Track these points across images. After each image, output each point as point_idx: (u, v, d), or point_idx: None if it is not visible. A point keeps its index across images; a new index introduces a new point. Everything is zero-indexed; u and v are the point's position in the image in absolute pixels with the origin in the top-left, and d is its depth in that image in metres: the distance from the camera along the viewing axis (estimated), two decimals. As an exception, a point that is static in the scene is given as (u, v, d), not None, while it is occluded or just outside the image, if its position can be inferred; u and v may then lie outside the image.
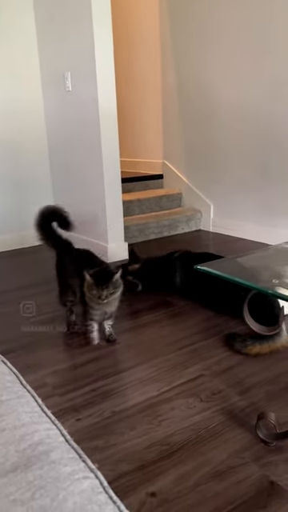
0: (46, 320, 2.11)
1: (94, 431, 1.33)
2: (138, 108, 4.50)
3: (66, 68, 3.03)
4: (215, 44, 3.40)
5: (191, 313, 2.16)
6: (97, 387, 1.56)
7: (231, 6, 3.20)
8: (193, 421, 1.36)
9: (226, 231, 3.68)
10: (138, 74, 4.42)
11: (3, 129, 3.25)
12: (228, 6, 3.22)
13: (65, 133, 3.25)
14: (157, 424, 1.36)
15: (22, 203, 3.43)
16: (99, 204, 2.97)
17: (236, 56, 3.25)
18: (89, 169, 3.02)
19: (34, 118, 3.39)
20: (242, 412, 1.40)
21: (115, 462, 1.21)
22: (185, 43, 3.71)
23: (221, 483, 1.13)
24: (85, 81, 2.85)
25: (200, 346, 1.82)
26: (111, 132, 2.84)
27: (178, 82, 3.87)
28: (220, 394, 1.49)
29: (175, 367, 1.67)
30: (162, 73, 4.03)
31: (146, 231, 3.50)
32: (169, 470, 1.17)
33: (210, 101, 3.57)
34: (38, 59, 3.33)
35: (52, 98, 3.31)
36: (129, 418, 1.39)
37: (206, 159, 3.75)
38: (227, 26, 3.27)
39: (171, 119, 4.04)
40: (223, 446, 1.25)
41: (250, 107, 3.23)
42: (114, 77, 2.77)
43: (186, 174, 4.02)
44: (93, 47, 2.68)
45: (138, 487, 1.12)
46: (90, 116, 2.87)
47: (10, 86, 3.24)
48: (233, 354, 1.74)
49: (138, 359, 1.73)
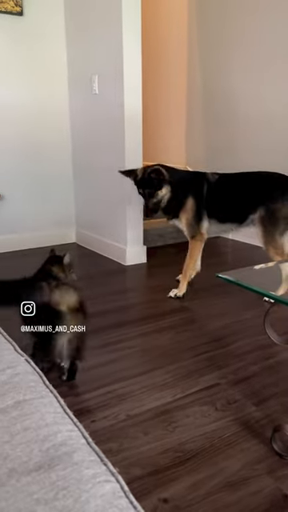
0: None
1: (108, 434, 1.34)
2: (161, 112, 4.52)
3: (93, 71, 3.06)
4: (242, 49, 3.40)
5: (208, 319, 2.16)
6: (112, 389, 1.56)
7: (257, 11, 3.20)
8: (207, 429, 1.36)
9: (245, 239, 3.65)
10: (163, 77, 4.44)
11: (29, 129, 3.30)
12: (253, 10, 3.22)
13: (89, 135, 3.29)
14: (171, 430, 1.36)
15: (44, 203, 3.47)
16: (120, 206, 2.99)
17: (263, 61, 3.24)
18: (111, 171, 3.04)
19: (59, 120, 3.43)
20: (258, 423, 1.39)
21: (128, 466, 1.21)
22: (211, 47, 3.72)
23: (234, 494, 1.12)
24: (112, 84, 2.87)
25: (216, 354, 1.81)
26: (135, 136, 2.86)
27: (203, 87, 3.87)
28: (235, 404, 1.48)
29: (191, 374, 1.66)
30: (187, 77, 4.04)
31: (165, 236, 3.51)
32: (182, 477, 1.17)
33: (234, 106, 3.56)
34: (66, 62, 3.37)
35: (78, 101, 3.35)
36: (143, 423, 1.39)
37: (228, 165, 3.73)
38: (253, 30, 3.26)
39: (195, 124, 4.04)
40: (237, 456, 1.25)
41: (276, 112, 3.21)
42: (140, 81, 2.79)
43: (207, 180, 4.01)
44: (121, 51, 2.70)
45: (150, 492, 1.12)
46: (115, 119, 2.89)
47: (37, 88, 3.29)
48: (249, 363, 1.73)
49: (154, 364, 1.73)
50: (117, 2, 2.65)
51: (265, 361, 1.75)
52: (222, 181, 2.37)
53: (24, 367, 0.77)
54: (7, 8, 3.02)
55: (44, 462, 0.56)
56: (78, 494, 0.51)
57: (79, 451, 0.59)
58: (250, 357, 1.78)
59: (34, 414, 0.65)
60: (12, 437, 0.60)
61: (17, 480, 0.53)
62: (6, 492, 0.51)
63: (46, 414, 0.65)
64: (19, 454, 0.57)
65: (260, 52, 3.26)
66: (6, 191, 3.27)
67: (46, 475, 0.53)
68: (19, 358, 0.80)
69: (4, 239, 3.30)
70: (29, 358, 0.80)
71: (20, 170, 3.33)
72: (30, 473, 0.54)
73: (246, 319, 2.14)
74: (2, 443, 0.58)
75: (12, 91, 3.19)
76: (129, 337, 1.96)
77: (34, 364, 0.79)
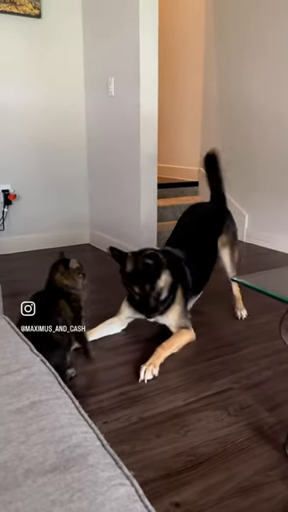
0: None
1: (120, 435, 1.34)
2: (177, 114, 4.52)
3: (109, 73, 3.07)
4: (259, 51, 3.38)
5: (221, 324, 2.15)
6: (125, 391, 1.56)
7: (274, 14, 3.17)
8: (220, 434, 1.35)
9: (259, 242, 3.63)
10: (179, 79, 4.44)
11: (45, 130, 3.33)
12: (271, 13, 3.20)
13: (104, 137, 3.30)
14: (183, 434, 1.35)
15: (58, 203, 3.49)
16: (134, 208, 3.00)
17: (280, 63, 3.22)
18: (126, 173, 3.05)
19: (75, 121, 3.46)
20: (271, 429, 1.37)
21: (141, 469, 1.21)
22: (228, 49, 3.70)
23: (246, 499, 1.11)
24: (128, 86, 2.88)
25: (230, 359, 1.80)
26: (151, 138, 2.86)
27: (219, 90, 3.86)
28: (248, 409, 1.47)
29: (204, 378, 1.65)
30: (203, 79, 4.03)
31: (178, 238, 3.49)
32: (194, 481, 1.17)
33: (250, 108, 3.54)
34: (82, 64, 3.40)
35: (94, 102, 3.37)
36: (155, 426, 1.39)
37: (243, 168, 3.72)
38: (271, 32, 3.24)
39: (210, 126, 4.03)
40: (250, 462, 1.24)
41: (292, 118, 3.18)
42: (157, 84, 2.80)
43: (222, 183, 3.99)
44: (138, 54, 2.71)
45: (162, 496, 1.12)
46: (130, 121, 2.90)
47: (54, 89, 3.32)
48: (263, 368, 1.72)
49: (166, 367, 1.72)
50: (134, 5, 2.66)
51: (279, 366, 1.74)
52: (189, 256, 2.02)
53: (39, 367, 0.77)
54: (26, 11, 3.06)
55: (59, 464, 0.56)
56: (93, 496, 0.51)
57: (94, 453, 0.59)
58: (263, 362, 1.77)
59: (50, 414, 0.65)
60: (28, 437, 0.60)
61: (33, 481, 0.53)
62: (22, 492, 0.51)
63: (61, 414, 0.65)
64: (35, 454, 0.57)
65: (277, 55, 3.24)
66: (21, 191, 3.30)
67: (62, 476, 0.54)
68: (35, 358, 0.81)
69: (18, 239, 3.33)
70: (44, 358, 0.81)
71: (35, 170, 3.36)
72: (45, 474, 0.54)
73: (261, 323, 2.12)
74: (18, 443, 0.59)
75: (29, 92, 3.23)
76: (141, 339, 1.96)
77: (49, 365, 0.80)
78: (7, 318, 1.01)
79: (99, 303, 2.36)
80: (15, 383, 0.72)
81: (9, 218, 3.28)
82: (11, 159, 3.24)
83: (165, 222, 3.67)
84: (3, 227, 3.26)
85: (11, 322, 0.99)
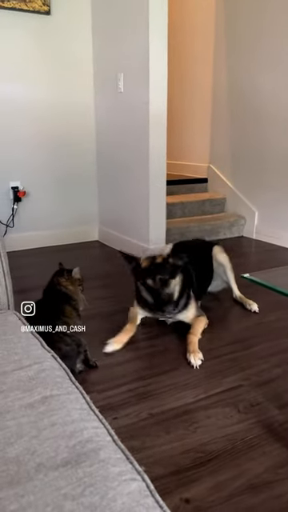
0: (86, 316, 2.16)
1: (130, 431, 1.35)
2: (186, 111, 4.50)
3: (119, 69, 3.07)
4: (269, 47, 3.35)
5: (231, 321, 2.14)
6: (134, 387, 1.57)
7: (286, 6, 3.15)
8: (229, 431, 1.34)
9: (269, 239, 3.61)
10: (188, 75, 4.41)
11: (54, 127, 3.33)
12: (284, 5, 3.16)
13: (113, 133, 3.30)
14: (192, 430, 1.35)
15: (67, 200, 3.50)
16: (142, 205, 2.99)
17: (291, 62, 3.19)
18: (134, 170, 3.05)
19: (84, 118, 3.46)
20: (281, 427, 1.36)
21: (150, 465, 1.21)
22: (238, 44, 3.68)
23: (257, 496, 1.11)
24: (137, 83, 2.88)
25: (240, 356, 1.79)
26: (160, 135, 2.85)
27: (229, 85, 3.83)
28: (258, 406, 1.46)
29: (213, 375, 1.65)
30: (213, 75, 4.00)
31: (187, 235, 3.48)
32: (204, 477, 1.17)
33: (260, 104, 3.51)
34: (91, 60, 3.39)
35: (103, 99, 3.36)
36: (165, 422, 1.39)
37: (253, 165, 3.70)
38: (282, 26, 3.21)
39: (220, 123, 4.01)
40: (260, 459, 1.23)
41: (303, 114, 3.15)
42: (166, 80, 2.79)
43: (231, 179, 3.98)
44: (147, 50, 2.70)
45: (172, 492, 1.12)
46: (139, 118, 2.90)
47: (63, 86, 3.32)
48: (273, 366, 1.71)
49: (176, 363, 1.73)
50: (144, 1, 2.65)
51: None
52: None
53: (51, 363, 0.78)
54: (35, 7, 3.06)
55: (71, 458, 0.56)
56: (104, 491, 0.51)
57: (105, 448, 0.59)
58: (273, 359, 1.76)
59: (61, 409, 0.65)
60: (39, 432, 0.61)
61: (44, 475, 0.53)
62: (34, 486, 0.51)
63: (72, 410, 0.66)
64: (47, 449, 0.58)
65: (288, 49, 3.20)
66: (30, 188, 3.31)
67: (73, 471, 0.54)
68: (46, 353, 0.81)
69: (28, 236, 3.34)
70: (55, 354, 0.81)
71: (45, 167, 3.37)
72: (57, 468, 0.54)
73: (270, 321, 2.11)
74: (29, 438, 0.59)
75: (38, 89, 3.23)
76: (150, 336, 1.96)
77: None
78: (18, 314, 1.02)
79: (103, 300, 2.37)
80: (26, 378, 0.72)
81: (18, 215, 3.30)
82: (21, 156, 3.26)
83: (174, 218, 3.67)
84: (13, 224, 3.28)
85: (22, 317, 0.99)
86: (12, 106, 3.16)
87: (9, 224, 3.26)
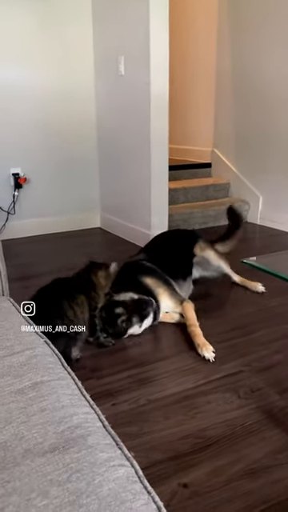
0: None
1: (128, 417, 1.34)
2: (189, 94, 4.42)
3: (119, 52, 3.01)
4: (273, 28, 3.27)
5: (233, 307, 2.12)
6: (133, 374, 1.56)
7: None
8: (229, 416, 1.34)
9: (274, 225, 3.57)
10: (191, 57, 4.33)
11: (54, 112, 3.28)
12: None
13: (115, 117, 3.25)
14: (191, 416, 1.35)
15: (69, 187, 3.47)
16: (144, 190, 2.96)
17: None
18: (136, 154, 3.01)
19: (85, 103, 3.41)
20: (281, 412, 1.36)
21: (148, 450, 1.21)
22: (242, 25, 3.59)
23: (255, 481, 1.10)
24: (138, 65, 2.82)
25: (241, 342, 1.78)
26: (161, 118, 2.81)
27: (232, 67, 3.76)
28: (259, 392, 1.46)
29: (214, 361, 1.64)
30: (216, 57, 3.92)
31: (190, 221, 3.46)
32: (202, 463, 1.16)
33: (266, 86, 3.44)
34: (92, 43, 3.33)
35: (104, 82, 3.31)
36: (164, 408, 1.39)
37: (258, 149, 3.64)
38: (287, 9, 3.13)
39: (223, 106, 3.94)
40: (259, 444, 1.23)
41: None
42: (167, 61, 2.73)
43: (235, 164, 3.92)
44: (148, 31, 2.64)
45: (170, 477, 1.12)
46: (140, 102, 2.85)
47: (63, 70, 3.27)
48: (274, 351, 1.70)
49: (176, 349, 1.72)
50: (144, -20, 2.58)
51: (290, 350, 1.71)
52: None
53: (43, 349, 0.77)
54: (33, -11, 2.99)
55: (59, 444, 0.55)
56: (91, 477, 0.50)
57: (94, 434, 0.58)
58: (275, 345, 1.74)
59: (51, 395, 0.64)
60: (28, 417, 0.60)
61: (31, 460, 0.52)
62: (20, 472, 0.51)
63: (62, 395, 0.65)
64: (35, 435, 0.57)
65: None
66: (31, 175, 3.29)
67: (61, 457, 0.53)
68: (39, 339, 0.80)
69: (29, 223, 3.33)
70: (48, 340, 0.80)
71: (46, 153, 3.34)
72: (44, 454, 0.53)
73: (273, 307, 2.09)
74: (18, 424, 0.58)
75: (38, 73, 3.18)
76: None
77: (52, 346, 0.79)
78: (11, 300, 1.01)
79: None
80: (18, 364, 0.71)
81: (19, 202, 3.28)
82: (21, 142, 3.22)
83: (176, 204, 3.63)
84: (14, 211, 3.26)
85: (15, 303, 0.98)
86: (11, 91, 3.12)
87: (10, 211, 3.25)
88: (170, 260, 2.09)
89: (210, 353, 1.66)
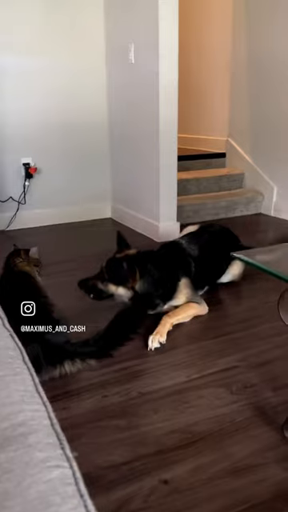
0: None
1: (118, 410, 1.34)
2: (205, 83, 4.33)
3: (129, 40, 2.96)
4: (291, 13, 3.15)
5: (235, 300, 2.09)
6: (127, 366, 1.55)
7: None
8: (219, 412, 1.31)
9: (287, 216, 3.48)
10: (207, 46, 4.23)
11: (66, 101, 3.27)
12: None
13: (125, 106, 3.22)
14: (181, 411, 1.33)
15: (80, 177, 3.46)
16: (153, 181, 2.92)
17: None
18: (146, 145, 2.97)
19: (96, 92, 3.38)
20: (273, 409, 1.32)
21: (134, 444, 1.20)
22: (258, 14, 3.47)
23: (237, 480, 1.08)
24: (147, 53, 2.77)
25: (240, 336, 1.75)
26: (170, 108, 2.76)
27: (248, 55, 3.65)
28: (252, 388, 1.42)
29: (210, 355, 1.61)
30: (232, 45, 3.81)
31: (201, 212, 3.40)
32: (186, 459, 1.15)
33: (281, 76, 3.33)
34: (103, 31, 3.29)
35: (115, 71, 3.27)
36: (154, 401, 1.37)
37: (273, 139, 3.54)
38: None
39: (239, 95, 3.83)
40: (246, 442, 1.20)
41: None
42: (177, 50, 2.67)
43: (250, 154, 3.83)
44: (157, 19, 2.59)
45: (152, 472, 1.11)
46: (149, 90, 2.80)
47: (75, 58, 3.24)
48: (274, 347, 1.66)
49: (173, 343, 1.70)
50: None
51: (291, 345, 1.67)
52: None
53: (5, 342, 0.76)
54: (43, -23, 2.97)
55: (-3, 442, 0.54)
56: (21, 477, 0.49)
57: (37, 433, 0.57)
58: (275, 340, 1.70)
59: (2, 390, 0.63)
60: (-27, 414, 0.59)
61: None
62: None
63: (14, 391, 0.64)
64: (-24, 431, 0.56)
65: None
66: (42, 165, 3.29)
67: (-4, 455, 0.52)
68: (4, 332, 0.79)
69: (39, 213, 3.35)
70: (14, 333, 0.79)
71: (56, 143, 3.33)
72: (-19, 452, 0.52)
73: (276, 301, 2.03)
74: None
75: (49, 62, 3.17)
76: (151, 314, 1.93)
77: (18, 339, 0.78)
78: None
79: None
80: (-24, 358, 0.70)
81: (30, 192, 3.29)
82: (32, 132, 3.22)
83: (188, 195, 3.58)
84: (24, 201, 3.28)
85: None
86: (22, 80, 3.12)
87: (20, 201, 3.27)
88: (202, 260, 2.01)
89: (155, 343, 1.63)
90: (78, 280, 1.86)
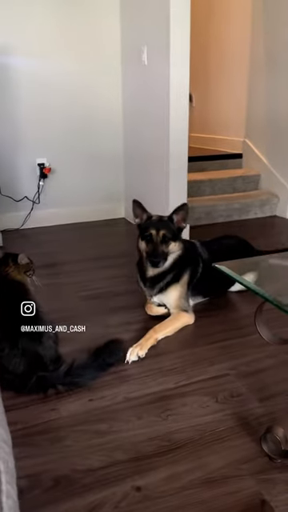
0: (94, 295, 2.20)
1: (101, 414, 1.36)
2: (222, 81, 4.28)
3: (143, 42, 2.96)
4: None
5: (232, 307, 2.07)
6: (117, 370, 1.56)
7: None
8: (201, 421, 1.32)
9: (303, 219, 3.42)
10: (225, 42, 4.17)
11: (80, 102, 3.30)
12: None
13: (139, 108, 3.22)
14: (164, 418, 1.34)
15: (94, 177, 3.49)
16: (162, 182, 2.92)
17: None
18: (157, 146, 2.97)
19: (111, 93, 3.40)
20: (256, 420, 1.32)
21: (112, 449, 1.22)
22: (277, 14, 3.40)
23: (209, 491, 1.08)
24: (159, 55, 2.77)
25: (233, 343, 1.74)
26: (181, 110, 2.74)
27: (266, 56, 3.58)
28: (239, 398, 1.42)
29: (201, 362, 1.61)
30: (250, 45, 3.75)
31: (213, 214, 3.38)
32: (161, 467, 1.16)
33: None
34: (119, 33, 3.30)
35: (129, 72, 3.28)
36: (139, 407, 1.39)
37: (288, 139, 3.47)
38: None
39: (257, 95, 3.78)
40: (224, 452, 1.20)
41: None
42: (188, 53, 2.65)
43: (266, 155, 3.77)
44: (168, 22, 2.57)
45: (125, 479, 1.12)
46: (161, 91, 2.79)
47: (90, 60, 3.27)
48: (266, 356, 1.64)
49: (165, 348, 1.70)
50: None
51: (285, 354, 1.64)
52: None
53: None
54: (59, -20, 3.00)
55: None
56: None
57: None
58: (269, 349, 1.67)
59: None
60: None
61: None
62: None
63: None
64: None
65: None
66: (56, 165, 3.34)
67: None
68: None
69: (54, 212, 3.40)
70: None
71: (71, 143, 3.37)
72: None
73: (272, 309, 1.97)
74: None
75: (65, 64, 3.21)
76: (146, 318, 1.94)
77: None
78: None
79: (115, 279, 2.38)
80: None
81: (44, 192, 3.35)
82: (47, 132, 3.28)
83: (202, 196, 3.56)
84: (39, 200, 3.34)
85: None
86: (38, 82, 3.17)
87: (35, 200, 3.33)
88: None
89: (133, 356, 1.60)
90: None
